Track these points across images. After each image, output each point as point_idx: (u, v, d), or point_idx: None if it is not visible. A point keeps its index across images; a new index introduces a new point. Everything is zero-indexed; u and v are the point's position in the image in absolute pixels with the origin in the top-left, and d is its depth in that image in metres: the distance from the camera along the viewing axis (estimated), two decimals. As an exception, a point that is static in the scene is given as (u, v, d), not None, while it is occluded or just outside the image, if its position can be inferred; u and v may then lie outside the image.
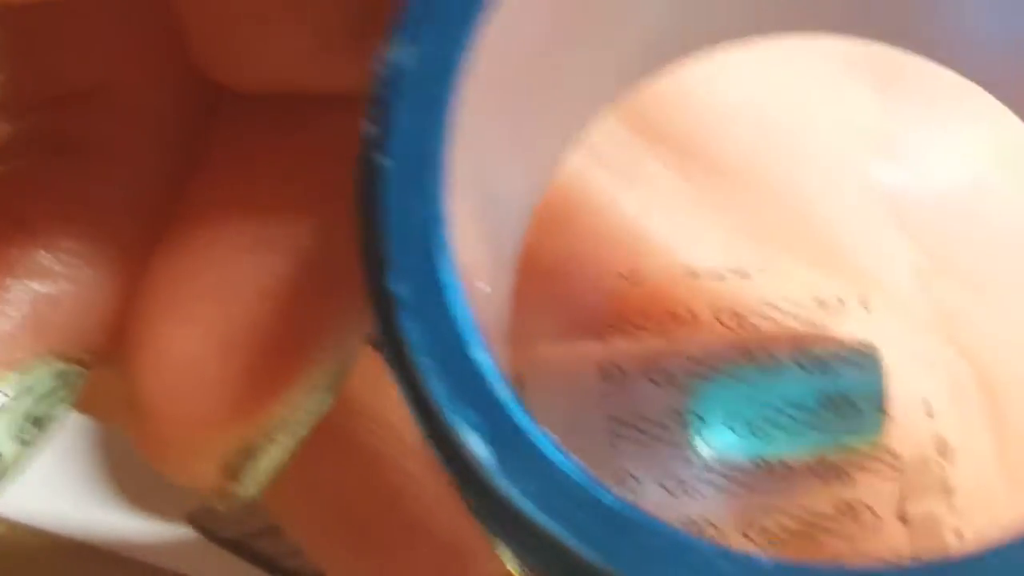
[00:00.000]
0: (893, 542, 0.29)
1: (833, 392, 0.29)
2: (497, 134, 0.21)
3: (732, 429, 0.29)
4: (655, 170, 0.30)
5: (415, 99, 0.18)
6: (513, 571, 0.24)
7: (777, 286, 0.30)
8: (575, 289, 0.30)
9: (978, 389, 0.31)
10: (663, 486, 0.29)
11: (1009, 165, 0.31)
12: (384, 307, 0.18)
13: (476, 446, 0.17)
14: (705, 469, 0.29)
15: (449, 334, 0.18)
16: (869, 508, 0.29)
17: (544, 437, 0.17)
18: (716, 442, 0.29)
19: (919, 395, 0.30)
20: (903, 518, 0.29)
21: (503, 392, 0.17)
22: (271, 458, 0.25)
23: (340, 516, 0.32)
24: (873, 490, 0.29)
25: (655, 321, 0.30)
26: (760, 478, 0.29)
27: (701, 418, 0.29)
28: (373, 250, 0.18)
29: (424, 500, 0.31)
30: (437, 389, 0.17)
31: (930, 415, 0.30)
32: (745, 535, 0.29)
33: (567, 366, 0.30)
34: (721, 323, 0.30)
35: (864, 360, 0.30)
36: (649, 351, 0.30)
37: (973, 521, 0.30)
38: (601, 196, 0.30)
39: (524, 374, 0.29)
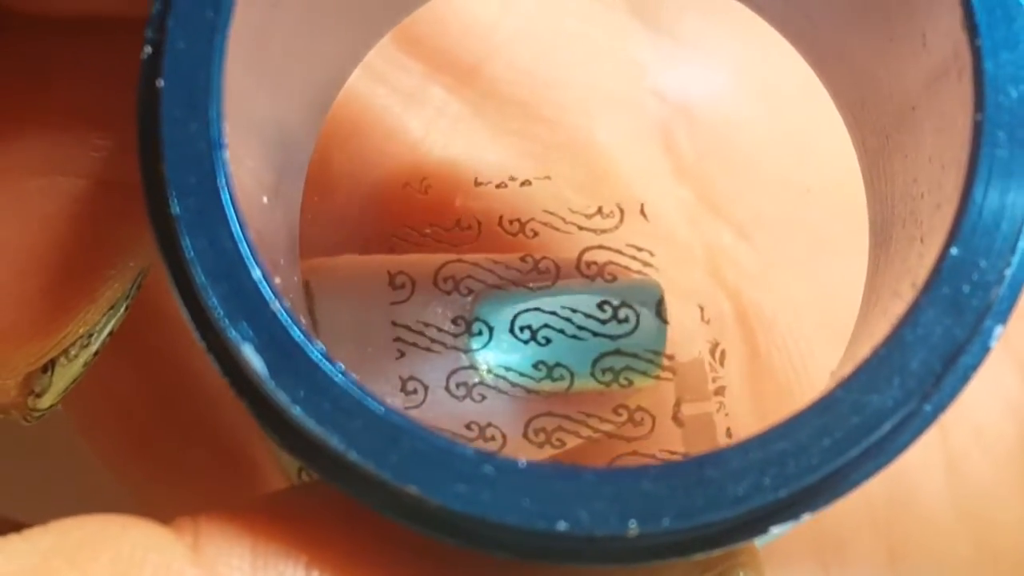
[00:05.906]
0: (668, 443, 0.30)
1: (613, 298, 0.30)
2: (276, 59, 0.21)
3: (515, 335, 0.30)
4: (437, 94, 0.31)
5: (189, 21, 0.18)
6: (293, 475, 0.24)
7: (556, 195, 0.31)
8: (360, 199, 0.31)
9: (736, 324, 0.32)
10: (448, 390, 0.30)
11: (772, 107, 0.33)
12: (163, 225, 0.18)
13: (251, 356, 0.18)
14: (489, 373, 0.30)
15: (226, 252, 0.18)
16: (646, 411, 0.30)
17: (317, 349, 0.18)
18: (500, 347, 0.30)
19: (695, 302, 0.32)
20: (678, 420, 0.31)
21: (278, 306, 0.18)
22: (68, 372, 0.25)
23: (119, 417, 0.32)
24: (650, 394, 0.30)
25: (441, 228, 0.31)
26: (542, 383, 0.30)
27: (485, 323, 0.30)
28: (152, 170, 0.19)
29: (203, 400, 0.31)
30: (214, 304, 0.18)
31: (705, 321, 0.32)
32: (526, 437, 0.30)
33: (356, 274, 0.30)
34: (503, 229, 0.30)
35: (642, 268, 0.31)
36: (436, 259, 0.30)
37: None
38: (385, 117, 0.30)
39: (312, 282, 0.30)
